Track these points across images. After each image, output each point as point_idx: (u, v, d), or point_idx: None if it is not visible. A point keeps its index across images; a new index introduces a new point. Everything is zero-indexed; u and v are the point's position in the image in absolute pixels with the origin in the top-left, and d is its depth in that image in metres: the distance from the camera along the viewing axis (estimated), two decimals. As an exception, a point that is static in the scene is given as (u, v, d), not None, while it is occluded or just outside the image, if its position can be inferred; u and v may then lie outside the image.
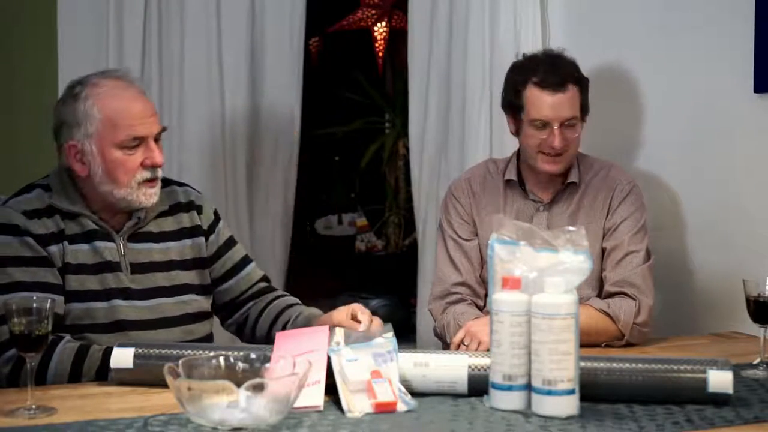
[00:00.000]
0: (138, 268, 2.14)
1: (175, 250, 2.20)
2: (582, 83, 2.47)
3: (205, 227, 2.26)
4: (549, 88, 2.41)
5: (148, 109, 2.11)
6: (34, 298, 1.73)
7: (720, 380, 1.73)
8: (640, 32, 2.89)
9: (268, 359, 1.67)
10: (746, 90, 2.52)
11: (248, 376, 1.59)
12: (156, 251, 2.17)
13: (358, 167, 5.26)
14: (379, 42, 5.17)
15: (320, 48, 5.57)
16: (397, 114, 5.07)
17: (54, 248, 2.05)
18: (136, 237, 2.16)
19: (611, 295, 2.37)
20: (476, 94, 3.23)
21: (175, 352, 1.81)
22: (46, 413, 1.66)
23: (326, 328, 1.86)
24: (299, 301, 2.31)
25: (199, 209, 2.27)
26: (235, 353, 1.68)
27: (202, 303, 2.22)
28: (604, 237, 2.46)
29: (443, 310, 2.47)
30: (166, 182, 2.27)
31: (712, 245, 2.66)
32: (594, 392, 1.72)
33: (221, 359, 1.65)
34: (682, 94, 2.75)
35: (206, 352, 1.75)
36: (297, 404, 1.58)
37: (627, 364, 1.75)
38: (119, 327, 2.09)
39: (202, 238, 2.24)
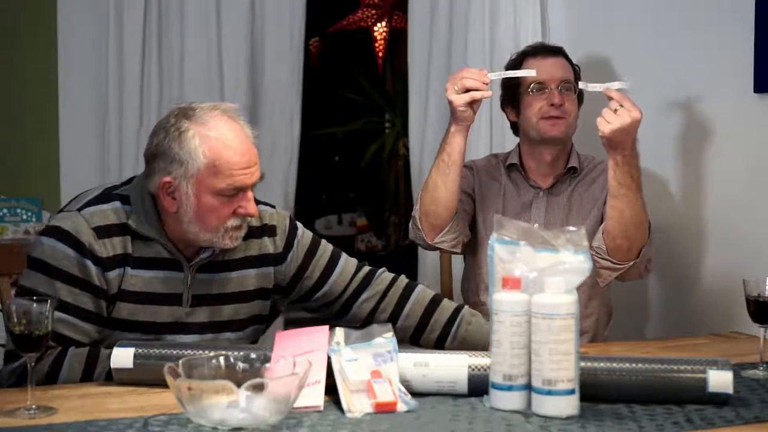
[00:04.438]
0: (197, 301, 2.03)
1: (235, 281, 2.08)
2: (573, 64, 2.61)
3: (279, 250, 2.12)
4: (542, 54, 2.58)
5: (253, 158, 1.98)
6: (34, 298, 1.73)
7: (720, 380, 1.72)
8: (640, 32, 2.90)
9: (268, 359, 1.67)
10: (746, 90, 2.52)
11: (248, 376, 1.59)
12: (216, 282, 2.06)
13: (358, 167, 5.27)
14: (379, 42, 5.17)
15: (320, 48, 5.57)
16: (397, 114, 5.07)
17: (113, 273, 1.96)
18: (202, 267, 2.04)
19: None
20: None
21: (175, 352, 1.81)
22: (46, 413, 1.66)
23: (326, 328, 1.86)
24: (432, 291, 2.17)
25: (272, 231, 2.13)
26: (235, 353, 1.68)
27: (246, 341, 2.12)
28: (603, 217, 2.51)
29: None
30: None
31: (712, 245, 2.66)
32: (594, 392, 1.72)
33: (221, 359, 1.65)
34: (682, 94, 2.75)
35: (206, 352, 1.75)
36: (297, 404, 1.58)
37: (627, 364, 1.76)
38: None
39: (271, 268, 2.11)
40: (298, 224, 2.18)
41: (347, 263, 2.17)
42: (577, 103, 2.58)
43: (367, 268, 2.18)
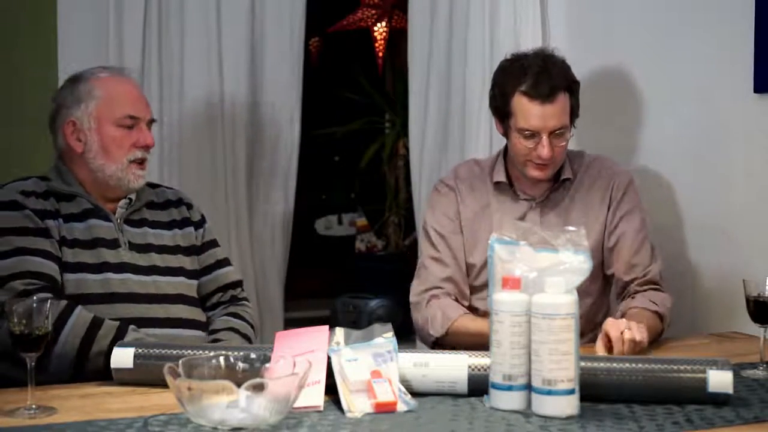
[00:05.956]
0: (136, 247, 2.25)
1: (168, 237, 2.33)
2: (572, 88, 2.40)
3: (194, 220, 2.41)
4: (537, 99, 2.33)
5: (144, 98, 2.33)
6: (34, 298, 1.73)
7: (720, 380, 1.73)
8: (640, 32, 2.89)
9: (268, 359, 1.67)
10: (746, 90, 2.52)
11: (248, 376, 1.59)
12: (151, 235, 2.30)
13: (358, 167, 5.26)
14: (379, 42, 5.16)
15: (320, 48, 5.56)
16: (397, 114, 5.06)
17: (51, 222, 2.16)
18: (132, 222, 2.28)
19: (641, 290, 2.41)
20: (476, 94, 3.23)
21: (175, 352, 1.81)
22: (46, 413, 1.66)
23: (326, 328, 1.87)
24: (236, 326, 2.31)
25: (189, 205, 2.43)
26: (235, 353, 1.68)
27: (193, 288, 2.32)
28: (606, 229, 2.46)
29: (427, 302, 2.43)
30: (156, 185, 2.45)
31: (712, 245, 2.66)
32: (594, 392, 1.72)
33: (221, 359, 1.65)
34: (682, 94, 2.75)
35: (206, 352, 1.76)
36: (297, 404, 1.58)
37: (627, 364, 1.76)
38: (112, 299, 2.15)
39: (192, 228, 2.38)
40: (207, 222, 2.45)
41: (233, 271, 2.43)
42: (570, 133, 2.40)
43: (238, 290, 2.41)
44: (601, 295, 2.52)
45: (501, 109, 2.42)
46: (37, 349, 1.69)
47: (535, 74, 2.34)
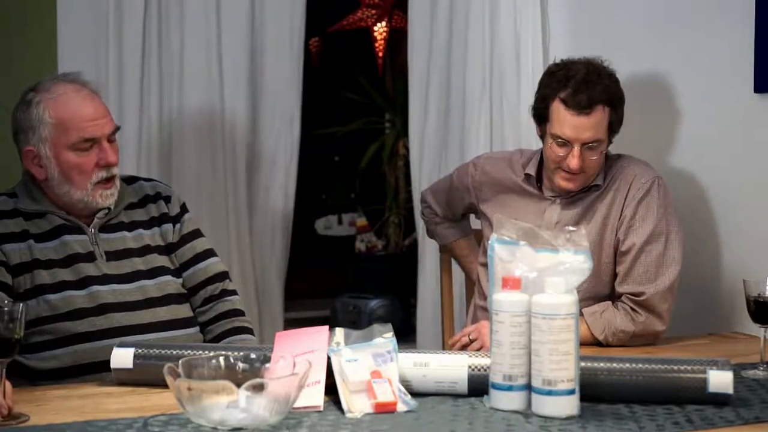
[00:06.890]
0: (113, 256, 2.19)
1: (147, 236, 2.26)
2: (614, 103, 2.36)
3: (172, 214, 2.32)
4: (574, 109, 2.31)
5: (99, 110, 2.16)
6: (6, 302, 1.69)
7: (720, 380, 1.73)
8: (640, 32, 2.89)
9: (268, 359, 1.67)
10: (746, 90, 2.52)
11: (248, 376, 1.59)
12: (129, 238, 2.23)
13: (358, 167, 5.26)
14: (379, 42, 5.16)
15: (320, 48, 5.56)
16: (397, 114, 5.06)
17: (14, 246, 2.10)
18: (108, 228, 2.22)
19: (624, 304, 2.34)
20: (476, 94, 3.23)
21: (175, 353, 1.81)
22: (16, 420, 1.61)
23: (326, 328, 1.87)
24: (244, 324, 2.31)
25: (167, 199, 2.34)
26: (235, 353, 1.68)
27: (180, 286, 2.27)
28: (616, 234, 2.39)
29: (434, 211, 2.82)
30: (134, 179, 2.37)
31: (712, 245, 2.66)
32: (594, 392, 1.72)
33: (221, 359, 1.65)
34: (682, 95, 2.75)
35: (206, 352, 1.76)
36: (297, 404, 1.58)
37: (627, 364, 1.76)
38: (103, 310, 2.12)
39: (170, 225, 2.31)
40: (189, 212, 2.38)
41: (215, 263, 2.34)
42: (605, 147, 2.37)
43: (226, 284, 2.33)
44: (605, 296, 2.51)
45: (539, 112, 2.41)
46: (8, 354, 1.64)
47: (577, 84, 2.32)
